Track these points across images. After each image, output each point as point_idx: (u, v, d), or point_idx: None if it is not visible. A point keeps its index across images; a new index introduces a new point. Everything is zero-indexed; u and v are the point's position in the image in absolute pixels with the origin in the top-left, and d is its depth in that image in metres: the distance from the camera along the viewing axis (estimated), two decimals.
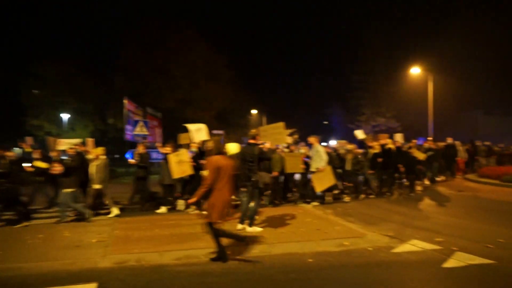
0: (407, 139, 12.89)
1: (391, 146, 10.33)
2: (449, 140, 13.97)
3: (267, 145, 9.64)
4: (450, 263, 4.43)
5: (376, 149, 10.08)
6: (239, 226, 6.20)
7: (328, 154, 9.10)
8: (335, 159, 9.80)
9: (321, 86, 58.99)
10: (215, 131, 27.48)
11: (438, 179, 13.20)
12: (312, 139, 8.91)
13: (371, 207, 8.74)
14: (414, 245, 5.25)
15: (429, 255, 4.82)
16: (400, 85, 37.17)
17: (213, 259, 4.66)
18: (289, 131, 8.67)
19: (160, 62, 30.76)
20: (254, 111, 47.08)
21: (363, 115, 38.51)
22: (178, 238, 5.80)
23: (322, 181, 8.65)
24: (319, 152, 8.61)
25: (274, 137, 7.93)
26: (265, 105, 48.66)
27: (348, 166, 9.84)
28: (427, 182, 12.38)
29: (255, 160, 6.02)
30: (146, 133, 14.43)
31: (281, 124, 7.88)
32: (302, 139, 15.09)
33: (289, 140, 8.90)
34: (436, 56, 37.47)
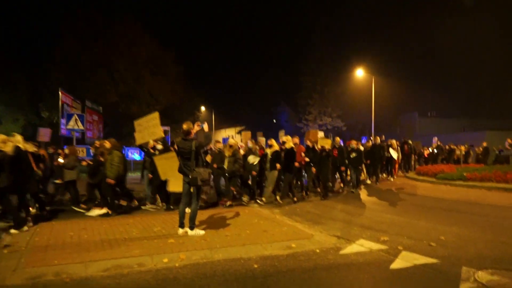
0: (351, 138, 13.09)
1: (291, 144, 9.04)
2: (377, 140, 13.36)
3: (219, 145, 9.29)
4: (397, 264, 4.33)
5: (275, 148, 9.06)
6: (180, 231, 5.69)
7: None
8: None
9: (270, 85, 59.50)
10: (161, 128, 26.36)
11: (368, 181, 12.96)
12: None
13: (317, 206, 8.67)
14: (361, 246, 5.13)
15: (376, 256, 4.71)
16: (345, 86, 38.59)
17: None
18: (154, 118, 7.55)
19: (101, 54, 28.83)
20: (202, 108, 46.21)
21: (311, 114, 39.44)
22: (109, 245, 5.15)
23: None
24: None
25: (150, 130, 7.32)
26: (214, 103, 48.07)
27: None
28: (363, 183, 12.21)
29: (192, 156, 5.54)
30: (81, 127, 13.21)
31: (156, 115, 7.24)
32: (252, 137, 14.83)
33: (160, 133, 7.59)
34: (379, 60, 39.43)
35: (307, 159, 9.64)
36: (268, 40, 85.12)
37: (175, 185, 6.97)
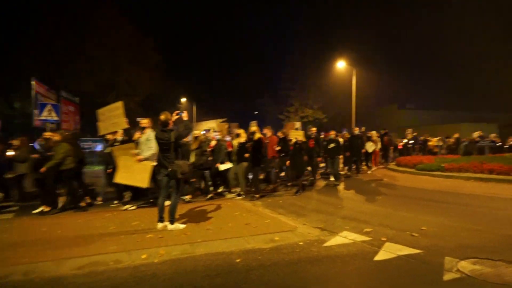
0: (332, 129, 12.97)
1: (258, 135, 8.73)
2: (355, 131, 13.38)
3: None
4: (381, 255, 4.29)
5: (243, 139, 8.73)
6: (159, 225, 5.50)
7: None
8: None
9: (252, 76, 59.07)
10: (139, 118, 25.74)
11: (348, 172, 12.77)
12: (145, 122, 6.95)
13: (300, 198, 8.61)
14: (345, 237, 5.08)
15: (360, 247, 4.66)
16: (327, 78, 38.68)
17: None
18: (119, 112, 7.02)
19: (77, 41, 27.71)
20: (183, 99, 45.53)
21: (292, 106, 39.47)
22: (84, 241, 4.91)
23: (131, 174, 6.58)
24: (150, 139, 6.51)
25: (113, 121, 6.93)
26: (196, 94, 47.35)
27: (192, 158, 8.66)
28: (332, 178, 11.21)
29: (171, 147, 5.33)
30: (56, 118, 12.67)
31: (119, 105, 6.86)
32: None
33: (124, 124, 7.04)
34: (360, 52, 39.62)
35: (278, 148, 9.61)
36: (251, 32, 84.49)
37: (124, 177, 6.63)
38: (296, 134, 9.82)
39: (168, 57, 43.40)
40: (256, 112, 48.56)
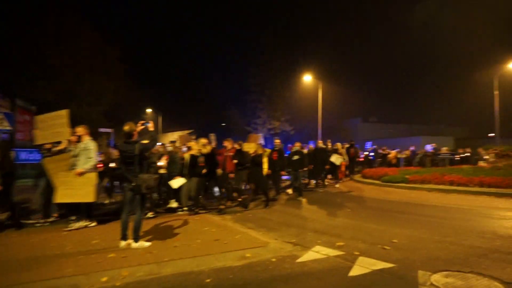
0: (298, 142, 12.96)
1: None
2: (320, 144, 13.16)
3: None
4: (355, 271, 4.20)
5: (194, 151, 8.42)
6: (122, 244, 5.11)
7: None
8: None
9: (220, 88, 59.02)
10: (102, 129, 24.71)
11: (311, 185, 12.81)
12: (80, 130, 6.45)
13: (270, 211, 8.46)
14: (317, 252, 4.96)
15: (333, 262, 4.55)
16: (294, 91, 39.31)
17: None
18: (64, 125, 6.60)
19: (34, 46, 26.30)
20: (149, 110, 44.49)
21: (260, 118, 39.64)
22: (37, 263, 4.44)
23: (73, 190, 6.09)
24: (89, 149, 6.26)
25: (55, 130, 6.45)
26: (162, 105, 46.48)
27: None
28: (289, 191, 11.17)
29: (135, 160, 5.02)
30: (8, 127, 11.81)
31: (64, 113, 6.40)
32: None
33: (68, 135, 6.60)
34: (326, 67, 40.80)
35: (235, 161, 9.17)
36: (218, 43, 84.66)
37: (65, 195, 6.06)
38: (248, 147, 9.54)
39: (135, 67, 42.50)
40: (223, 124, 48.28)
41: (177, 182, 8.15)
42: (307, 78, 32.91)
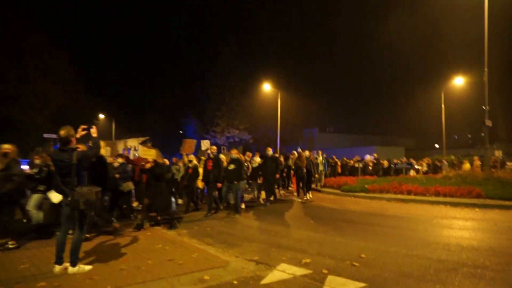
0: (257, 151, 12.65)
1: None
2: (269, 152, 11.28)
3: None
4: None
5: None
6: (57, 268, 4.33)
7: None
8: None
9: (178, 95, 57.38)
10: (47, 135, 22.79)
11: (261, 199, 11.33)
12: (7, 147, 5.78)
13: (230, 224, 7.93)
14: (283, 271, 4.51)
15: (302, 283, 4.13)
16: (253, 100, 39.25)
17: None
18: None
19: None
20: (101, 116, 42.27)
21: (218, 126, 39.07)
22: None
23: None
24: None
25: None
26: (116, 110, 44.28)
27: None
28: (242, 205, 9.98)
29: (72, 170, 4.30)
30: None
31: None
32: (158, 147, 13.44)
33: None
34: (285, 76, 41.31)
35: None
36: (177, 49, 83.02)
37: None
38: (147, 154, 7.81)
39: (87, 71, 40.21)
40: (180, 131, 47.03)
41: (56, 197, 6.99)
42: (267, 87, 32.96)
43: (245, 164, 10.71)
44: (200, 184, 10.33)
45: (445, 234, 6.62)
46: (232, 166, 9.10)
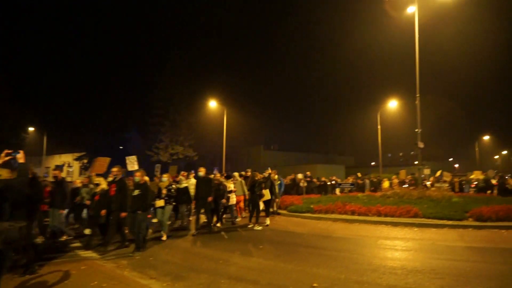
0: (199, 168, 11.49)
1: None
2: (202, 172, 10.03)
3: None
4: None
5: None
6: None
7: None
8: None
9: (118, 109, 54.52)
10: None
11: (192, 230, 9.87)
12: None
13: (175, 252, 7.44)
14: None
15: None
16: (198, 116, 38.68)
17: None
18: None
19: None
20: (31, 129, 38.83)
21: (162, 142, 37.73)
22: None
23: None
24: None
25: None
26: (48, 124, 40.88)
27: None
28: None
29: None
30: None
31: None
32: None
33: None
34: (232, 94, 41.51)
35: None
36: (119, 61, 79.61)
37: None
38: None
39: (15, 80, 36.71)
40: (121, 147, 44.63)
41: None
42: (213, 104, 32.73)
43: (173, 186, 9.71)
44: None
45: (390, 257, 6.79)
46: (137, 192, 7.54)
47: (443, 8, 18.27)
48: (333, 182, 22.14)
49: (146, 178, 8.16)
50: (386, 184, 21.59)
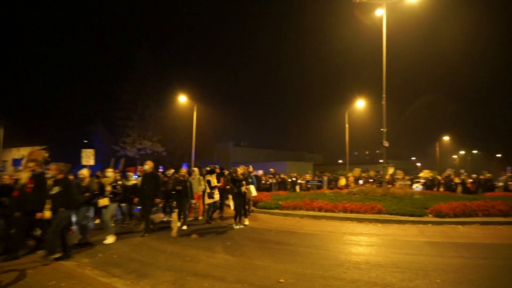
0: (170, 163, 11.22)
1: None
2: (147, 166, 9.13)
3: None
4: None
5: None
6: None
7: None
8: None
9: (82, 100, 52.33)
10: None
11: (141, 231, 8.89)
12: None
13: (140, 249, 7.25)
14: None
15: None
16: (168, 111, 37.92)
17: None
18: None
19: None
20: None
21: (129, 137, 36.69)
22: None
23: None
24: None
25: None
26: (4, 114, 38.58)
27: None
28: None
29: None
30: None
31: None
32: (55, 159, 11.98)
33: None
34: (202, 89, 41.05)
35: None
36: (85, 52, 76.52)
37: None
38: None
39: None
40: (85, 141, 42.95)
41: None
42: (182, 99, 32.18)
43: (118, 183, 8.88)
44: (47, 213, 6.58)
45: (355, 252, 6.96)
46: (56, 189, 6.51)
47: (411, 12, 18.92)
48: (294, 179, 22.71)
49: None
50: (342, 181, 22.55)
